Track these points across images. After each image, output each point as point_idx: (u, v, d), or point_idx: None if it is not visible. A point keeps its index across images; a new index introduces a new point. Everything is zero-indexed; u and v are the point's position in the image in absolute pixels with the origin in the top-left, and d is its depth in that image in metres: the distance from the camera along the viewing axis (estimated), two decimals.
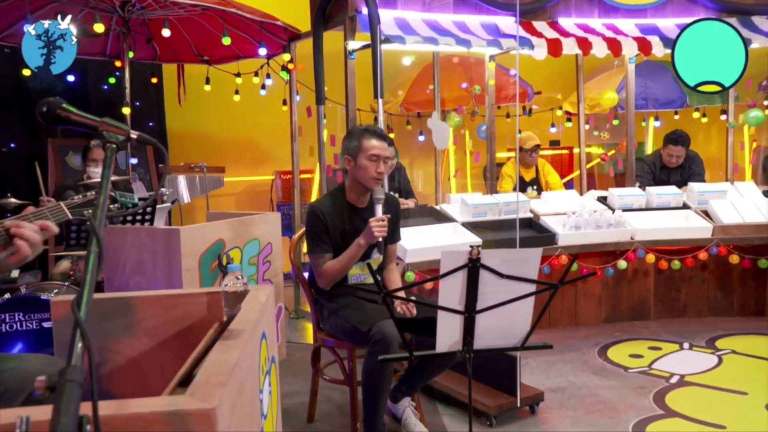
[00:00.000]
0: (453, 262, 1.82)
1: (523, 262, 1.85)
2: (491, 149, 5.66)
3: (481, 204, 4.79)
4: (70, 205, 1.90)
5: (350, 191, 3.12)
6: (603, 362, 4.12)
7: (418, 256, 4.18)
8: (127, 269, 3.74)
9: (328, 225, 3.03)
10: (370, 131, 3.05)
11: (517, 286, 1.87)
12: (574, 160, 8.69)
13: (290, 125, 5.56)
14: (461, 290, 1.87)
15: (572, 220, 4.71)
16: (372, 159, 3.00)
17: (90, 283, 0.97)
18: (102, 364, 1.89)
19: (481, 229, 4.64)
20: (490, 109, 5.64)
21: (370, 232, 2.91)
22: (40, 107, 1.44)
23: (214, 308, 1.95)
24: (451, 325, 1.92)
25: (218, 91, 6.59)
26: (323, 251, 3.04)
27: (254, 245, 4.16)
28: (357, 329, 2.83)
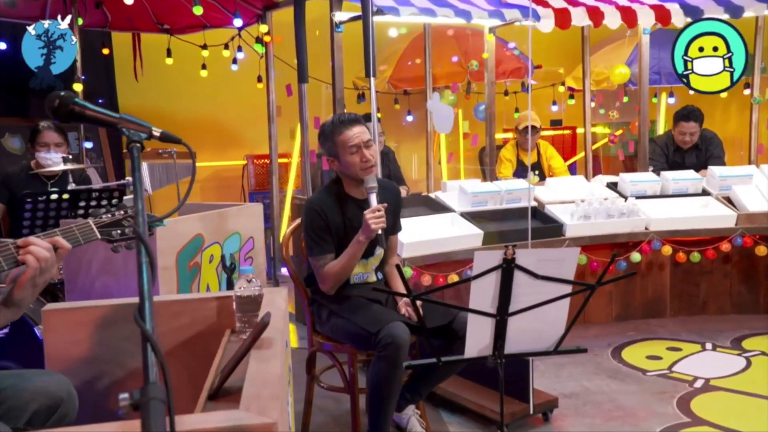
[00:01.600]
0: (486, 262, 1.91)
1: (559, 263, 1.95)
2: (490, 131, 5.75)
3: (481, 192, 4.88)
4: (99, 224, 1.96)
5: (347, 184, 3.19)
6: (618, 364, 4.25)
7: (415, 249, 4.26)
8: (93, 269, 3.75)
9: (329, 222, 3.09)
10: (338, 122, 3.10)
11: (550, 288, 1.96)
12: (578, 142, 8.83)
13: (267, 105, 5.60)
14: (493, 292, 1.96)
15: (581, 209, 4.83)
16: (353, 151, 3.05)
17: (149, 293, 1.04)
18: (101, 378, 1.93)
19: (481, 219, 4.72)
20: (490, 87, 5.73)
21: (367, 226, 2.96)
22: (51, 101, 1.49)
23: (224, 315, 2.01)
24: (481, 328, 2.01)
25: (181, 66, 6.57)
26: (324, 251, 3.09)
27: (235, 240, 4.19)
28: (363, 331, 2.90)
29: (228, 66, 6.39)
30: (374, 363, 2.87)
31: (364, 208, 3.10)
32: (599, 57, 7.71)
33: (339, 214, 3.13)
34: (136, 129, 1.48)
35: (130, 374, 1.95)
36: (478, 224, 4.61)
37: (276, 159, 5.69)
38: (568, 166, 8.04)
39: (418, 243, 4.30)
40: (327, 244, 3.10)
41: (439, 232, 4.55)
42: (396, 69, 7.47)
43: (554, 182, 5.45)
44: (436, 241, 4.41)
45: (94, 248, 3.72)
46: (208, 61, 6.53)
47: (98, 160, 6.70)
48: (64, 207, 4.09)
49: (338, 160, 3.10)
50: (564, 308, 2.03)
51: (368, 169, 3.07)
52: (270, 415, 1.11)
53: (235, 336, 1.94)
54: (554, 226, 4.78)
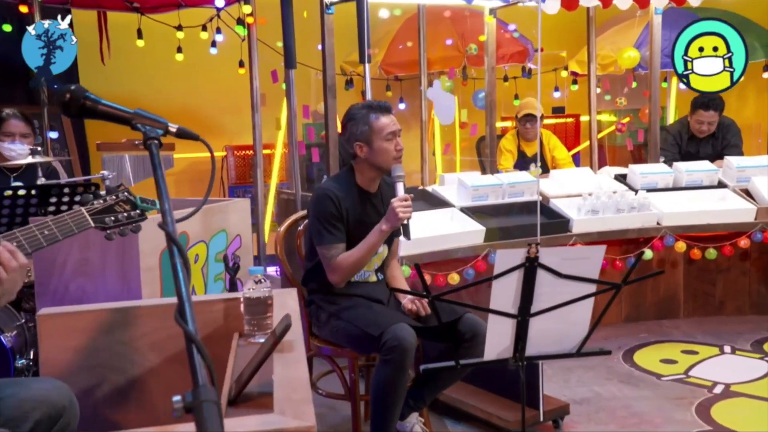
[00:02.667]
0: (509, 261, 1.98)
1: (584, 261, 2.02)
2: (491, 120, 5.81)
3: (482, 185, 4.93)
4: (92, 211, 2.00)
5: (362, 175, 3.27)
6: (630, 368, 4.34)
7: (412, 247, 4.27)
8: (67, 270, 3.76)
9: (342, 211, 3.17)
10: (375, 108, 3.21)
11: (574, 287, 2.04)
12: (582, 131, 8.92)
13: (250, 93, 5.63)
14: (515, 292, 2.03)
15: (588, 203, 4.90)
16: (389, 138, 3.16)
17: (187, 294, 1.10)
18: (99, 386, 1.97)
19: (482, 214, 4.78)
20: (490, 73, 5.79)
21: (393, 215, 3.05)
22: (61, 95, 1.53)
23: (231, 317, 2.06)
24: (501, 330, 2.08)
25: (154, 49, 6.55)
26: (337, 240, 3.16)
27: (221, 238, 4.24)
28: (366, 334, 2.97)
29: (206, 49, 6.39)
30: (378, 368, 2.93)
31: (373, 203, 3.19)
32: (605, 39, 7.77)
33: (352, 205, 3.21)
34: (152, 125, 1.53)
35: (130, 380, 2.00)
36: (480, 220, 4.67)
37: (261, 151, 5.71)
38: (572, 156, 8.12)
39: (416, 240, 4.26)
40: (339, 232, 3.17)
41: (438, 228, 4.60)
42: (387, 53, 7.52)
43: (559, 175, 5.52)
44: (435, 238, 4.46)
45: (67, 248, 3.73)
46: (184, 44, 6.52)
47: (62, 152, 6.69)
48: (33, 204, 4.09)
49: (369, 146, 3.18)
50: (588, 308, 2.11)
51: (400, 159, 3.20)
52: (307, 419, 1.18)
53: (243, 340, 1.99)
54: (560, 221, 4.85)
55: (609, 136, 8.91)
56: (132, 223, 2.17)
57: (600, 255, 2.08)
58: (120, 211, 2.14)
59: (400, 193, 3.11)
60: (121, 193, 2.16)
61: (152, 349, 2.00)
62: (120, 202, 2.15)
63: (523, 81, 8.24)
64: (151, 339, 1.97)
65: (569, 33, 7.99)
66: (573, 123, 9.18)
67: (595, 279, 2.05)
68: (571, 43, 8.16)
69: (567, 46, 8.35)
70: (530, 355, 2.14)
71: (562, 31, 8.13)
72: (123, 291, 3.69)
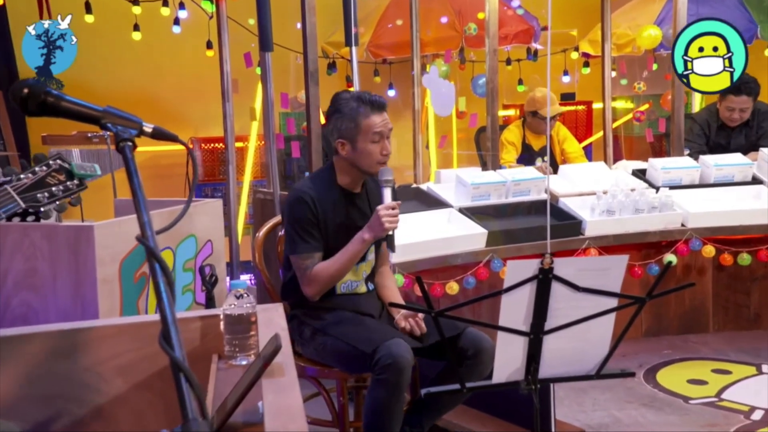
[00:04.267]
0: (520, 273, 2.01)
1: (603, 273, 2.05)
2: (492, 109, 5.82)
3: (483, 183, 4.97)
4: (19, 189, 1.98)
5: (343, 174, 3.29)
6: (653, 390, 4.36)
7: (404, 253, 4.31)
8: (8, 283, 3.73)
9: (319, 216, 3.19)
10: (365, 102, 3.20)
11: (592, 302, 2.07)
12: (594, 119, 8.95)
13: (221, 78, 5.64)
14: (527, 307, 2.06)
15: (603, 203, 4.94)
16: (375, 139, 3.17)
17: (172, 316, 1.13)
18: (56, 419, 1.94)
19: (484, 216, 4.83)
20: (492, 57, 5.80)
21: (378, 224, 3.08)
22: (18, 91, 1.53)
23: (209, 337, 2.07)
24: (512, 349, 2.11)
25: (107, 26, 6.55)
26: (312, 249, 3.19)
27: (190, 244, 4.24)
28: (356, 350, 2.99)
29: (168, 28, 6.40)
30: (371, 389, 2.95)
31: (358, 206, 3.21)
32: (622, 16, 7.77)
33: (332, 208, 3.23)
34: (125, 124, 1.54)
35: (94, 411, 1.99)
36: (481, 222, 4.71)
37: (232, 144, 5.71)
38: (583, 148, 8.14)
39: (410, 245, 4.37)
40: (315, 240, 3.19)
41: (434, 231, 4.64)
42: (375, 33, 7.55)
43: (569, 170, 5.56)
44: (431, 243, 4.50)
45: (8, 256, 3.71)
46: (142, 21, 6.51)
47: None
48: None
49: (352, 146, 3.20)
50: (609, 325, 2.14)
51: (384, 164, 3.21)
52: None
53: (224, 362, 2.02)
54: (571, 223, 4.89)
55: (625, 126, 8.93)
56: (70, 195, 2.13)
57: (622, 265, 2.11)
58: (54, 183, 2.10)
59: (387, 200, 3.13)
60: (52, 161, 2.13)
61: (119, 375, 2.00)
62: (53, 173, 2.12)
63: (529, 64, 8.28)
64: (118, 363, 1.97)
65: (580, 9, 8.04)
66: (584, 111, 9.22)
67: (616, 292, 2.09)
68: (583, 20, 8.20)
69: (578, 23, 8.39)
70: (544, 378, 2.17)
71: (572, 7, 8.18)
72: (76, 307, 3.68)
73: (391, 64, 7.97)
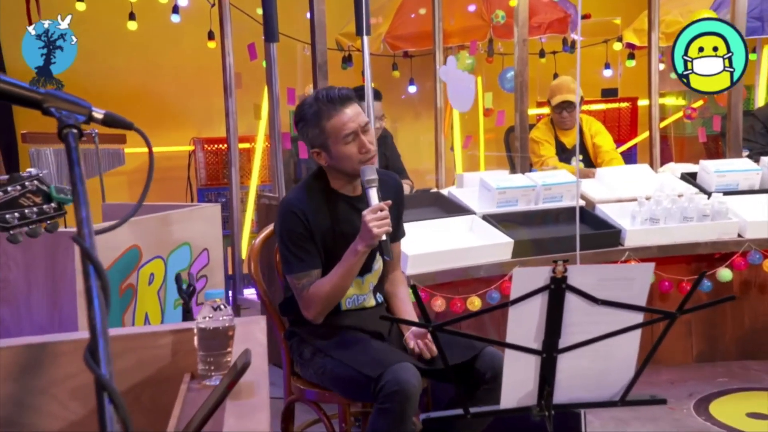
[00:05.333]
0: (528, 282, 1.94)
1: (626, 283, 1.97)
2: (521, 105, 5.77)
3: (509, 187, 4.91)
4: None
5: (334, 178, 3.23)
6: (705, 423, 4.23)
7: (422, 264, 4.29)
8: None
9: (313, 228, 3.13)
10: (325, 101, 3.10)
11: (614, 316, 2.00)
12: (639, 118, 8.85)
13: (223, 72, 5.62)
14: (538, 321, 1.99)
15: (646, 210, 4.85)
16: (348, 140, 3.08)
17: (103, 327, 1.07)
18: None
19: (510, 223, 4.77)
20: (521, 47, 5.76)
21: (366, 231, 2.99)
22: None
23: (182, 354, 2.03)
24: (522, 370, 2.04)
25: (100, 14, 6.58)
26: (308, 267, 3.12)
27: (183, 253, 4.24)
28: (360, 375, 2.93)
29: (166, 16, 6.40)
30: (374, 417, 2.88)
31: (359, 208, 3.14)
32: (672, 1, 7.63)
33: (326, 218, 3.17)
34: (71, 109, 1.49)
35: None
36: (507, 230, 4.65)
37: (236, 144, 5.70)
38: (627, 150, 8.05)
39: (427, 255, 4.33)
40: (311, 257, 3.13)
41: (455, 240, 4.59)
42: (394, 23, 7.50)
43: (608, 173, 5.48)
44: (451, 253, 4.44)
45: None
46: (139, 9, 6.53)
47: None
48: None
49: (327, 153, 3.13)
50: (633, 344, 2.06)
51: (369, 161, 3.12)
52: None
53: (196, 382, 1.97)
54: (609, 232, 4.81)
55: (675, 125, 8.82)
56: (45, 219, 2.09)
57: (647, 274, 2.03)
58: (28, 205, 2.06)
59: (373, 202, 3.04)
60: (29, 182, 2.08)
61: (75, 397, 1.94)
62: (28, 194, 2.07)
63: (565, 56, 8.21)
64: (75, 384, 1.92)
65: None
66: (629, 108, 9.10)
67: (641, 306, 2.01)
68: (627, 7, 8.12)
69: (621, 11, 8.31)
70: (560, 403, 2.09)
71: None
72: (53, 320, 3.68)
73: (411, 58, 7.94)
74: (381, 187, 3.17)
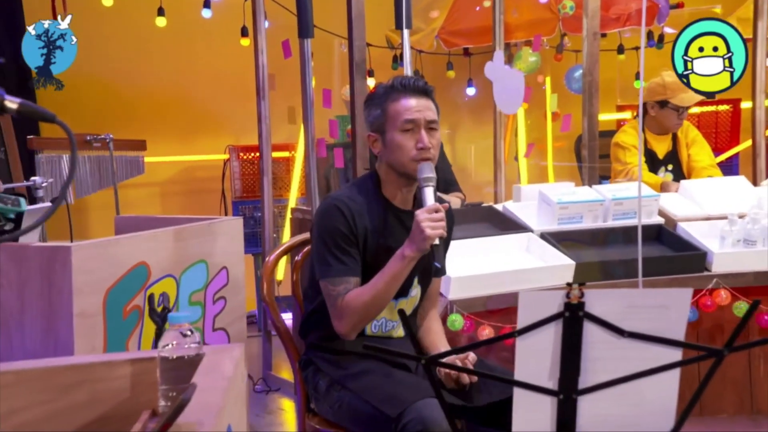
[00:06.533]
0: (538, 309, 1.83)
1: (660, 311, 1.85)
2: (590, 108, 5.67)
3: (572, 202, 4.82)
4: None
5: (387, 184, 3.22)
6: None
7: (468, 288, 4.22)
8: None
9: (358, 231, 3.11)
10: (398, 86, 3.14)
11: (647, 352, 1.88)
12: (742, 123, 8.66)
13: (256, 72, 5.62)
14: (552, 356, 1.88)
15: (739, 229, 4.72)
16: (407, 127, 3.08)
17: None
18: None
19: (573, 243, 4.70)
20: (591, 41, 5.66)
21: (418, 232, 2.94)
22: None
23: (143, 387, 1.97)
24: (535, 411, 1.93)
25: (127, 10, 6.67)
26: (348, 273, 3.09)
27: (199, 272, 4.21)
28: (379, 413, 2.88)
29: (197, 12, 6.44)
30: None
31: (408, 224, 3.08)
32: None
33: (375, 225, 3.15)
34: None
35: None
36: (568, 250, 4.57)
37: (268, 152, 5.68)
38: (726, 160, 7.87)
39: (474, 278, 4.27)
40: (352, 260, 3.10)
41: (508, 261, 4.52)
42: (450, 16, 7.47)
43: (693, 186, 5.39)
44: (502, 276, 4.37)
45: None
46: (168, 5, 6.57)
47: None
48: None
49: (382, 138, 3.16)
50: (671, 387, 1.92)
51: (423, 160, 3.09)
52: None
53: (155, 422, 1.90)
54: (693, 255, 4.69)
55: None
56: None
57: (686, 301, 1.90)
58: None
59: (428, 202, 3.01)
60: None
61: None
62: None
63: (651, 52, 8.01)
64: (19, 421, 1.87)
65: None
66: (729, 112, 8.88)
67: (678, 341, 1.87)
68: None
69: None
70: None
71: None
72: (47, 346, 3.68)
73: (471, 56, 7.86)
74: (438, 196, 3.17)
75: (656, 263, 4.55)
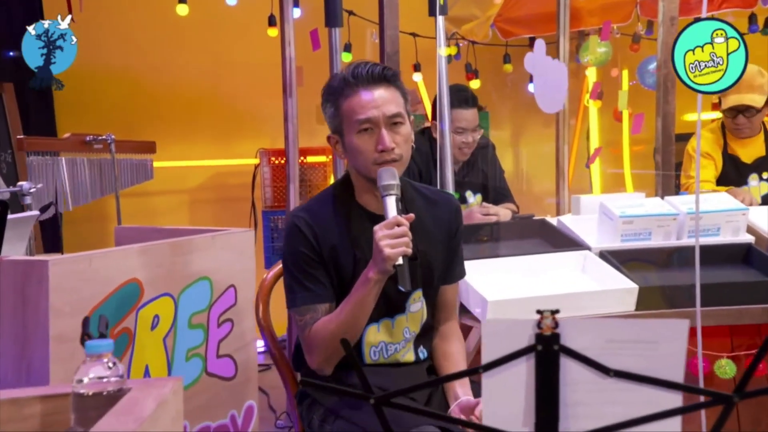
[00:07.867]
0: (505, 340, 1.76)
1: (650, 347, 1.75)
2: (665, 107, 5.58)
3: (639, 216, 4.72)
4: None
5: (360, 190, 3.18)
6: None
7: (506, 313, 4.09)
8: None
9: (322, 248, 3.08)
10: (349, 77, 3.07)
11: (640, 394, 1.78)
12: None
13: (282, 66, 5.62)
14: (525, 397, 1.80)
15: None
16: (364, 128, 3.03)
17: None
18: None
19: (638, 263, 4.60)
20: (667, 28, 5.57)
21: (378, 251, 2.87)
22: None
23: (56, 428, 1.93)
24: None
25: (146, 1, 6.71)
26: (313, 300, 3.08)
27: (201, 291, 4.19)
28: None
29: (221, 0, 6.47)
30: None
31: None
32: None
33: (343, 238, 3.11)
34: None
35: None
36: (632, 272, 4.45)
37: (295, 155, 5.66)
38: None
39: (514, 302, 4.16)
40: (319, 287, 3.09)
41: (557, 284, 4.46)
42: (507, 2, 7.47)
43: None
44: (548, 301, 4.24)
45: None
46: None
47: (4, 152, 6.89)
48: None
49: (342, 141, 3.13)
50: None
51: (387, 164, 3.02)
52: None
53: None
54: None
55: None
56: None
57: (682, 334, 1.79)
58: None
59: (390, 214, 2.93)
60: None
61: None
62: None
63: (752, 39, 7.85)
64: None
65: None
66: None
67: (677, 383, 1.77)
68: None
69: None
70: None
71: None
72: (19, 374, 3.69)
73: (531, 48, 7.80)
74: (431, 212, 3.18)
75: (740, 290, 4.44)
